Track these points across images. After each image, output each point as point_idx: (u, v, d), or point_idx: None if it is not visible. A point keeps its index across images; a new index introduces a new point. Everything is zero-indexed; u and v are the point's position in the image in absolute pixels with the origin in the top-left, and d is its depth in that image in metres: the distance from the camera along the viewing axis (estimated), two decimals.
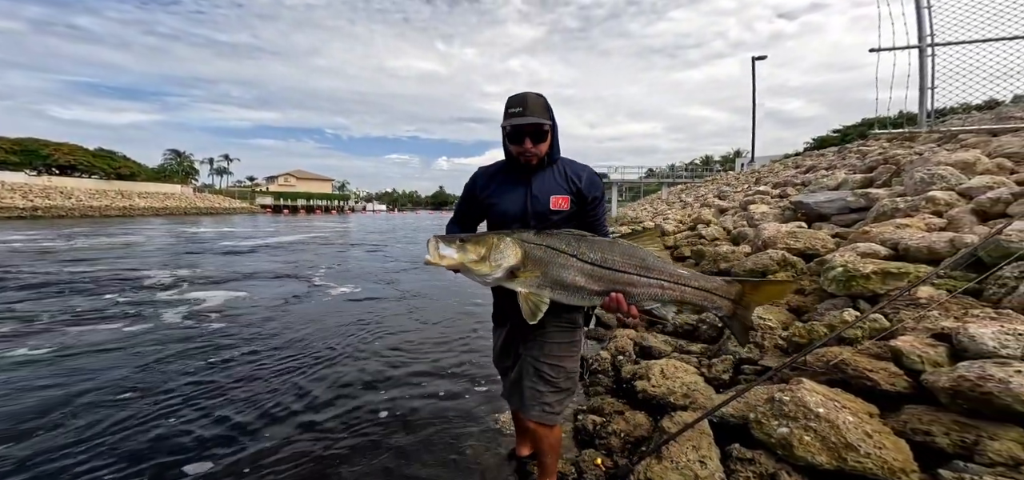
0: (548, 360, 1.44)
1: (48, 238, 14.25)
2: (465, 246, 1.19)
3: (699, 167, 47.10)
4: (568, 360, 1.46)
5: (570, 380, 1.48)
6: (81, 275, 7.44)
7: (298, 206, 61.21)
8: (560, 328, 1.46)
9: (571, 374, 1.47)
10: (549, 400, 1.44)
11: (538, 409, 1.44)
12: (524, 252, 1.19)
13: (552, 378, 1.44)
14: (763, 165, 19.78)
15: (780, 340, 2.31)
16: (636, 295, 1.21)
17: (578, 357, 1.51)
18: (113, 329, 4.34)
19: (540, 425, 1.46)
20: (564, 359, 1.46)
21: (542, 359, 1.45)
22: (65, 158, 42.84)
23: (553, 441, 1.53)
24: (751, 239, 4.48)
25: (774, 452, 1.41)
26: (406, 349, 3.89)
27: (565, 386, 1.46)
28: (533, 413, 1.45)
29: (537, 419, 1.45)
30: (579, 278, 1.20)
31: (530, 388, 1.46)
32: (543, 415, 1.44)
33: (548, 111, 1.34)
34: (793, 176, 9.14)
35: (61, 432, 2.36)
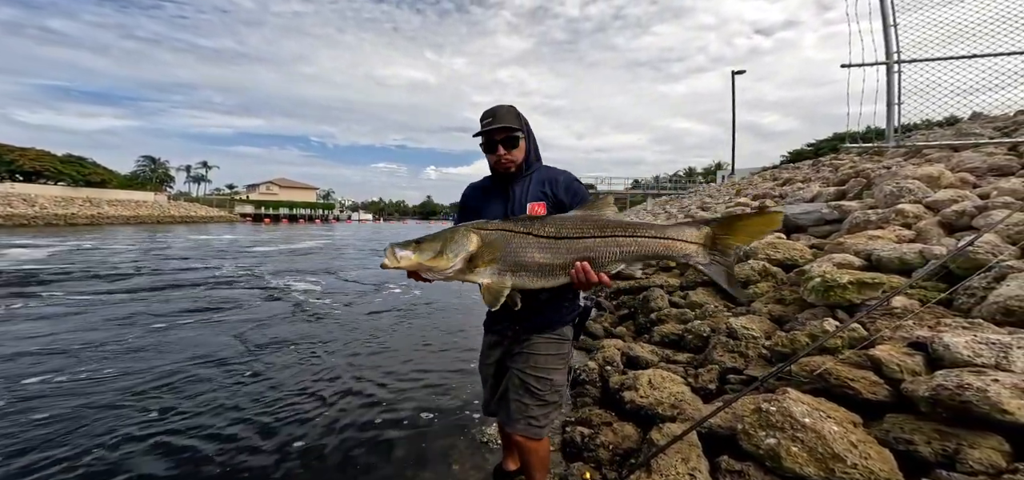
0: (534, 372, 1.42)
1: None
2: (420, 246, 1.18)
3: (683, 179, 48.26)
4: (555, 373, 1.44)
5: (557, 393, 1.45)
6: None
7: (280, 215, 59.78)
8: (548, 340, 1.44)
9: (558, 387, 1.45)
10: (535, 413, 1.41)
11: (524, 423, 1.41)
12: (480, 238, 1.18)
13: (538, 391, 1.41)
14: (743, 177, 20.39)
15: (764, 350, 2.34)
16: (600, 260, 1.15)
17: (566, 370, 1.49)
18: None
19: (526, 439, 1.43)
20: (551, 371, 1.44)
21: (528, 371, 1.42)
22: (31, 164, 40.85)
23: (541, 455, 1.50)
24: None
25: (763, 463, 1.41)
26: (389, 358, 3.83)
27: (551, 399, 1.44)
28: (519, 427, 1.42)
29: (523, 433, 1.42)
30: (538, 255, 1.16)
31: (516, 401, 1.43)
32: (529, 429, 1.41)
33: (519, 119, 1.38)
34: (771, 189, 9.42)
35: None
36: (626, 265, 1.17)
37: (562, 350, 1.47)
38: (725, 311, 3.32)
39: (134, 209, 42.11)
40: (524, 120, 1.39)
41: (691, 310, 3.66)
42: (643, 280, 5.15)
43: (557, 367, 1.45)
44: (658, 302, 4.09)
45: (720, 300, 3.62)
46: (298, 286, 7.68)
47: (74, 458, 2.20)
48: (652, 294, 4.25)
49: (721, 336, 2.65)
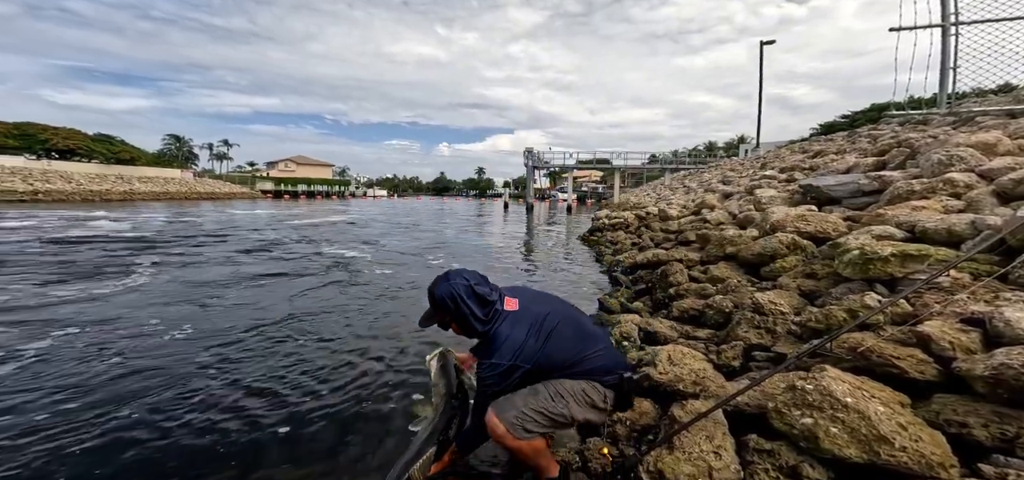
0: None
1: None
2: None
3: (703, 153, 46.60)
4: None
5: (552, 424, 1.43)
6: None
7: (299, 192, 60.92)
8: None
9: (555, 419, 1.42)
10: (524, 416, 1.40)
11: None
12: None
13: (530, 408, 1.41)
14: (768, 151, 19.48)
15: (793, 326, 2.19)
16: None
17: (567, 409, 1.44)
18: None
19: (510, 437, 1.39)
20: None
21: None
22: (64, 142, 42.48)
23: (536, 446, 1.45)
24: (758, 223, 4.34)
25: (796, 444, 1.30)
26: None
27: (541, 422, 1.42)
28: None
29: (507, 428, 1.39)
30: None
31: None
32: (512, 427, 1.39)
33: (441, 309, 1.47)
34: (800, 161, 8.93)
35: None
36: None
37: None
38: (750, 286, 3.16)
39: (163, 186, 43.52)
40: (447, 304, 1.44)
41: (712, 285, 3.51)
42: (661, 254, 4.99)
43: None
44: (677, 276, 3.94)
45: (744, 275, 3.45)
46: (349, 253, 8.72)
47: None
48: (671, 268, 4.10)
49: (745, 311, 2.51)
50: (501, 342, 1.39)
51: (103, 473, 1.83)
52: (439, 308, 1.46)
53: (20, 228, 11.82)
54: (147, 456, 1.95)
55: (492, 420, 1.38)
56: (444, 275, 1.49)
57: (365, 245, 10.15)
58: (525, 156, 31.85)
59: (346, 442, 2.11)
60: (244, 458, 1.95)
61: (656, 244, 6.38)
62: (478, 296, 1.43)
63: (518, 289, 1.59)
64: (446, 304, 1.43)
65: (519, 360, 1.38)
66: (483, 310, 1.43)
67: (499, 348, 1.38)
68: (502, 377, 1.38)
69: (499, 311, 1.45)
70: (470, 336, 1.50)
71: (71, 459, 1.92)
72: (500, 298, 1.48)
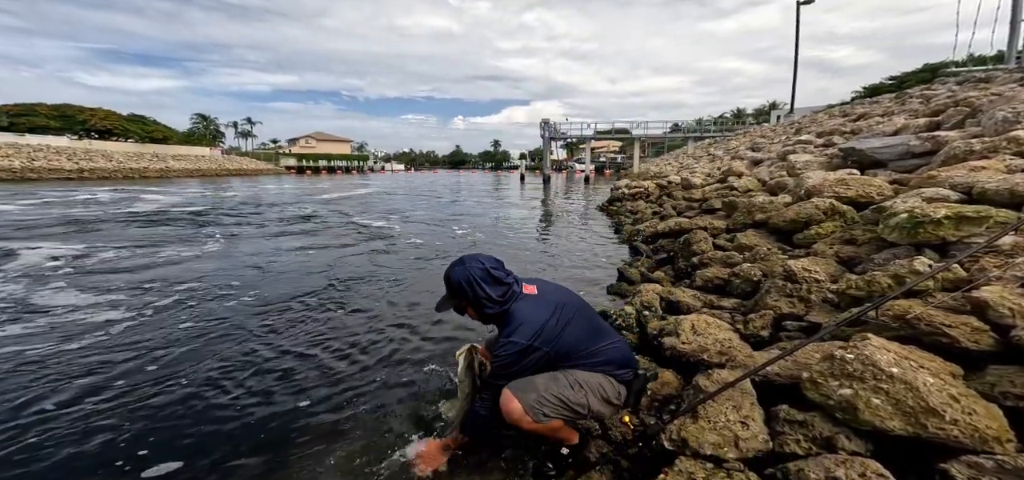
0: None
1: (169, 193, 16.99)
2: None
3: (730, 120, 44.23)
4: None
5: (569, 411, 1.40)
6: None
7: (320, 167, 62.07)
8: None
9: (574, 409, 1.40)
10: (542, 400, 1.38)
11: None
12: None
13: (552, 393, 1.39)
14: (804, 116, 18.30)
15: (830, 294, 2.05)
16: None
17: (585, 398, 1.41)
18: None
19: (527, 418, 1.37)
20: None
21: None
22: (101, 123, 44.45)
23: (553, 426, 1.44)
24: (791, 189, 4.08)
25: (831, 415, 1.22)
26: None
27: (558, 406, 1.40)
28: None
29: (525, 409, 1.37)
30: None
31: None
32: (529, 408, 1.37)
33: (456, 294, 1.47)
34: (840, 125, 8.33)
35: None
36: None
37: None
38: (780, 254, 2.99)
39: (195, 163, 45.16)
40: (463, 289, 1.44)
41: (739, 253, 3.35)
42: (684, 223, 4.80)
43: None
44: (701, 245, 3.79)
45: (774, 242, 3.27)
46: (378, 223, 9.34)
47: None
48: (694, 237, 3.94)
49: (776, 280, 2.38)
50: (520, 321, 1.38)
51: (178, 424, 2.02)
52: (455, 292, 1.46)
53: (90, 201, 13.27)
54: (219, 410, 2.13)
55: (510, 401, 1.35)
56: (459, 260, 1.49)
57: (393, 216, 10.70)
58: (541, 127, 31.15)
59: (383, 410, 2.14)
60: (289, 418, 2.06)
61: (678, 213, 6.16)
62: (494, 279, 1.42)
63: (535, 279, 1.59)
64: (462, 288, 1.43)
65: (538, 341, 1.36)
66: (499, 291, 1.42)
67: (518, 327, 1.37)
68: (519, 355, 1.35)
69: (516, 293, 1.44)
70: (486, 321, 1.50)
71: (153, 406, 2.14)
72: (517, 282, 1.48)
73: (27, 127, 37.48)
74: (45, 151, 32.78)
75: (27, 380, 2.37)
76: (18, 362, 2.58)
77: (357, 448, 1.79)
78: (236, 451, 1.80)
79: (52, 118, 41.24)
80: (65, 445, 1.83)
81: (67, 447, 1.82)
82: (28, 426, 1.96)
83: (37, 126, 38.59)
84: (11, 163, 27.66)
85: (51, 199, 13.87)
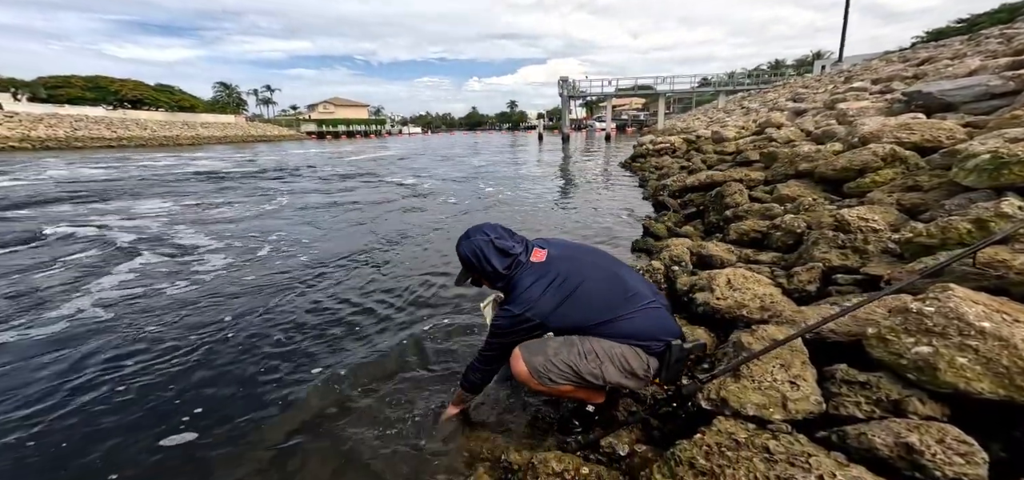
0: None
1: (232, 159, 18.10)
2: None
3: (767, 73, 41.01)
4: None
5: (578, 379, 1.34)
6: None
7: (339, 132, 62.44)
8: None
9: (584, 378, 1.33)
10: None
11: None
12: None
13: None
14: (855, 64, 16.69)
15: (891, 244, 1.82)
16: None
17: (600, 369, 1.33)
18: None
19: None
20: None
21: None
22: (131, 93, 45.75)
23: (564, 390, 1.38)
24: (842, 137, 3.68)
25: (901, 376, 1.06)
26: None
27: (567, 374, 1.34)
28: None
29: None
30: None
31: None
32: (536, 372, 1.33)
33: (468, 266, 1.47)
34: (900, 71, 7.49)
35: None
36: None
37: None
38: (828, 204, 2.71)
39: (223, 130, 46.24)
40: (472, 262, 1.44)
41: (779, 204, 3.07)
42: (716, 176, 4.48)
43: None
44: (735, 197, 3.51)
45: (821, 192, 2.97)
46: (410, 180, 10.08)
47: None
48: (728, 189, 3.65)
49: (825, 230, 2.14)
50: (519, 292, 1.37)
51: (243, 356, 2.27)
52: (467, 267, 1.47)
53: (149, 165, 14.67)
54: (280, 347, 2.34)
55: (518, 362, 1.35)
56: (466, 234, 1.49)
57: (421, 176, 11.11)
58: (559, 86, 29.84)
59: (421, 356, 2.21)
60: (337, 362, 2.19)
61: (709, 166, 5.78)
62: (499, 250, 1.41)
63: (551, 241, 1.53)
64: (470, 261, 1.44)
65: (530, 313, 1.33)
66: (504, 263, 1.41)
67: (516, 297, 1.37)
68: (512, 322, 1.35)
69: (521, 263, 1.42)
70: (499, 288, 1.49)
71: (226, 343, 2.41)
72: (527, 249, 1.46)
73: (65, 98, 39.04)
74: (85, 121, 34.25)
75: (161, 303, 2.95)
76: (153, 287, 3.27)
77: (390, 391, 1.87)
78: (297, 383, 1.97)
79: (86, 89, 42.70)
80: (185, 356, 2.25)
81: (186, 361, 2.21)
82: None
83: (73, 97, 40.13)
84: (55, 132, 29.08)
85: (119, 164, 14.98)
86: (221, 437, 1.64)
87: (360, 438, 1.60)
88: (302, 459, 1.51)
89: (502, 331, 1.38)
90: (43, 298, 3.05)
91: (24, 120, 29.57)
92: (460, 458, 1.46)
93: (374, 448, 1.55)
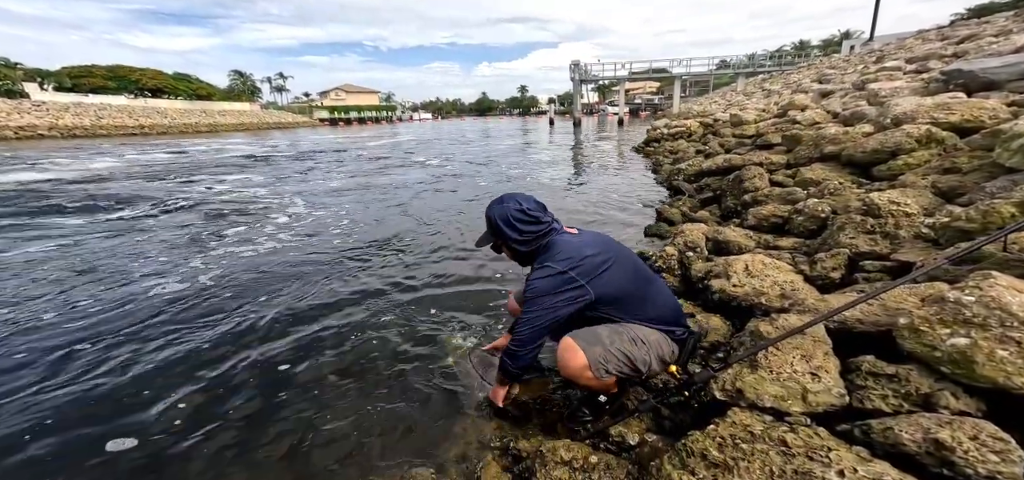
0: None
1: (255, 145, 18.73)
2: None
3: (790, 55, 39.25)
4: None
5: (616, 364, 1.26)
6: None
7: (351, 118, 62.81)
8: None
9: (637, 367, 1.26)
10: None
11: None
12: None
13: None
14: (887, 43, 15.82)
15: (925, 229, 1.71)
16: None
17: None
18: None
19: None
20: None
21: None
22: (151, 82, 46.74)
23: (607, 383, 1.31)
24: (873, 118, 3.49)
25: (935, 369, 0.99)
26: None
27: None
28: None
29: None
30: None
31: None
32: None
33: (493, 232, 1.42)
34: (938, 49, 7.05)
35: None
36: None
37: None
38: (855, 187, 2.58)
39: (239, 118, 46.96)
40: (499, 227, 1.39)
41: (802, 188, 2.94)
42: (734, 160, 4.32)
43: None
44: (755, 181, 3.38)
45: (847, 175, 2.82)
46: (434, 161, 10.87)
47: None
48: (747, 173, 3.52)
49: (851, 215, 2.03)
50: (557, 249, 1.29)
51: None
52: (493, 230, 1.41)
53: (190, 151, 15.34)
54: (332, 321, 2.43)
55: (573, 353, 1.21)
56: (499, 198, 1.43)
57: (443, 159, 11.50)
58: (571, 69, 29.16)
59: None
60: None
61: (727, 150, 5.58)
62: (532, 218, 1.36)
63: (577, 228, 1.49)
64: (499, 226, 1.38)
65: (576, 272, 1.23)
66: (538, 228, 1.35)
67: (556, 254, 1.27)
68: (556, 281, 1.23)
69: (556, 229, 1.38)
70: (522, 261, 1.44)
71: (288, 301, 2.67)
72: (557, 223, 1.42)
73: (88, 88, 40.13)
74: (108, 109, 35.18)
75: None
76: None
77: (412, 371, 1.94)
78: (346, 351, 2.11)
79: (108, 78, 43.78)
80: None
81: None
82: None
83: (96, 87, 41.21)
84: (81, 121, 29.98)
85: (163, 152, 15.56)
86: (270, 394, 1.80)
87: (372, 421, 1.60)
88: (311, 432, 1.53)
89: (543, 293, 1.23)
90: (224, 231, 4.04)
91: (51, 109, 30.54)
92: (470, 445, 1.46)
93: (385, 428, 1.55)
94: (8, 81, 31.87)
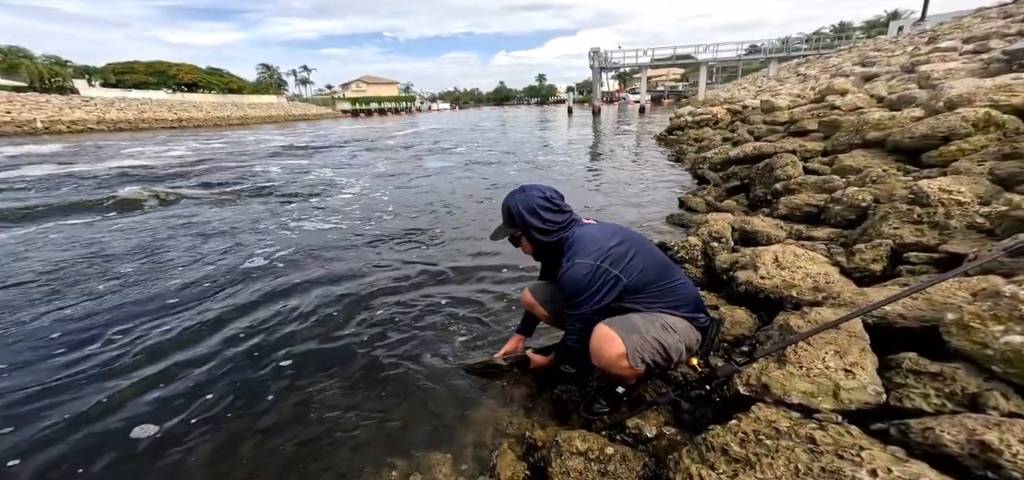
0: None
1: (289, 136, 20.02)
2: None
3: (829, 36, 36.85)
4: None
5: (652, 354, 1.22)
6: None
7: (372, 109, 63.82)
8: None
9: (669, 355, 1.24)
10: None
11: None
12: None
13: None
14: (941, 23, 14.64)
15: (980, 219, 1.58)
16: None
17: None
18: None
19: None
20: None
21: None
22: (186, 77, 48.92)
23: (639, 373, 1.26)
24: (924, 102, 3.23)
25: (985, 368, 0.91)
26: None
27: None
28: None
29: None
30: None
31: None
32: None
33: (510, 222, 1.40)
34: (1001, 27, 6.45)
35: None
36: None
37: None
38: (901, 175, 2.41)
39: (266, 110, 48.49)
40: (518, 217, 1.37)
41: (841, 176, 2.77)
42: (765, 147, 4.12)
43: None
44: (787, 169, 3.21)
45: (892, 162, 2.64)
46: (461, 148, 11.35)
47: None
48: (779, 160, 3.34)
49: (897, 204, 1.90)
50: (584, 243, 1.28)
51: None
52: (512, 221, 1.39)
53: (240, 142, 16.33)
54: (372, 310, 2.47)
55: (611, 341, 1.18)
56: (519, 188, 1.41)
57: (465, 146, 11.97)
58: (590, 57, 28.39)
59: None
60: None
61: (757, 137, 5.33)
62: (555, 207, 1.35)
63: (594, 219, 1.47)
64: (522, 216, 1.35)
65: (607, 262, 1.23)
66: (561, 218, 1.35)
67: (582, 248, 1.27)
68: (592, 274, 1.22)
69: (576, 220, 1.37)
70: (540, 253, 1.44)
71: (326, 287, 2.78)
72: (575, 214, 1.41)
73: (130, 83, 42.41)
74: (150, 104, 37.09)
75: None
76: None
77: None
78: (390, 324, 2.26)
79: (148, 74, 46.10)
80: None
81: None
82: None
83: (137, 82, 43.49)
84: (125, 115, 31.75)
85: (218, 142, 16.60)
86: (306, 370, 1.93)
87: (393, 405, 1.64)
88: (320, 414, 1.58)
89: (582, 288, 1.23)
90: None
91: (99, 104, 32.47)
92: (486, 432, 1.46)
93: (405, 413, 1.58)
94: (60, 78, 34.04)
